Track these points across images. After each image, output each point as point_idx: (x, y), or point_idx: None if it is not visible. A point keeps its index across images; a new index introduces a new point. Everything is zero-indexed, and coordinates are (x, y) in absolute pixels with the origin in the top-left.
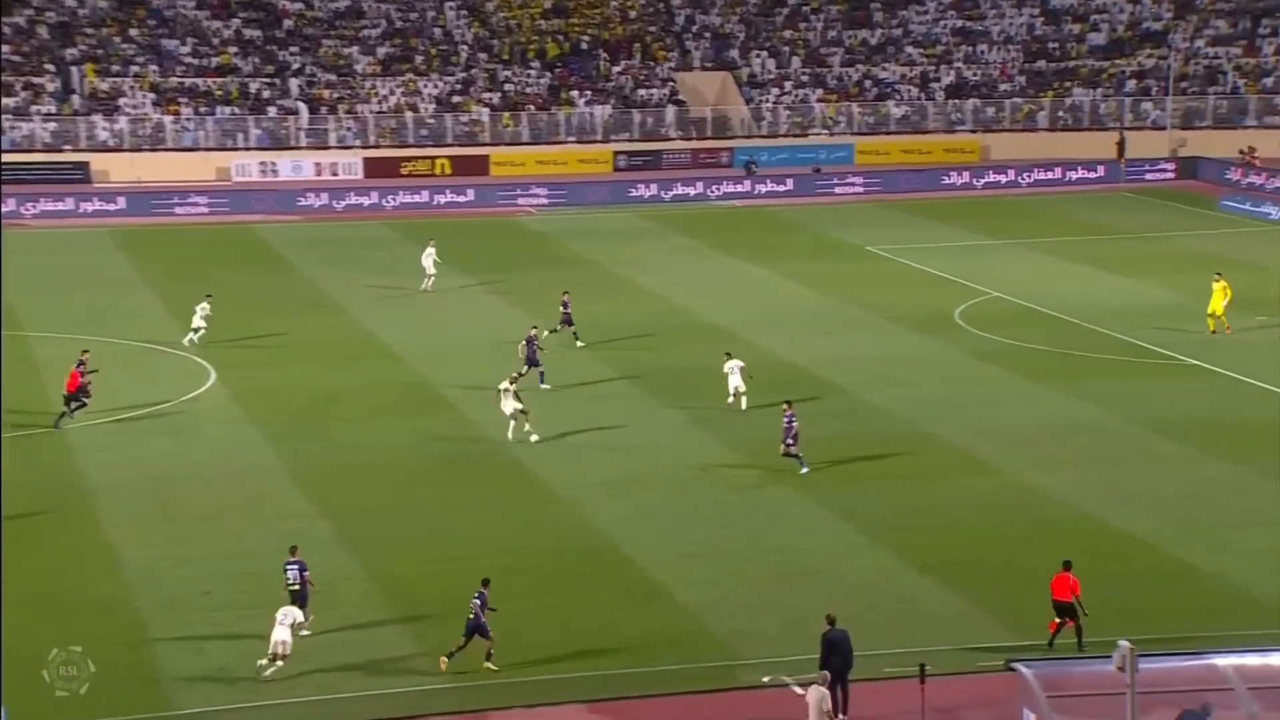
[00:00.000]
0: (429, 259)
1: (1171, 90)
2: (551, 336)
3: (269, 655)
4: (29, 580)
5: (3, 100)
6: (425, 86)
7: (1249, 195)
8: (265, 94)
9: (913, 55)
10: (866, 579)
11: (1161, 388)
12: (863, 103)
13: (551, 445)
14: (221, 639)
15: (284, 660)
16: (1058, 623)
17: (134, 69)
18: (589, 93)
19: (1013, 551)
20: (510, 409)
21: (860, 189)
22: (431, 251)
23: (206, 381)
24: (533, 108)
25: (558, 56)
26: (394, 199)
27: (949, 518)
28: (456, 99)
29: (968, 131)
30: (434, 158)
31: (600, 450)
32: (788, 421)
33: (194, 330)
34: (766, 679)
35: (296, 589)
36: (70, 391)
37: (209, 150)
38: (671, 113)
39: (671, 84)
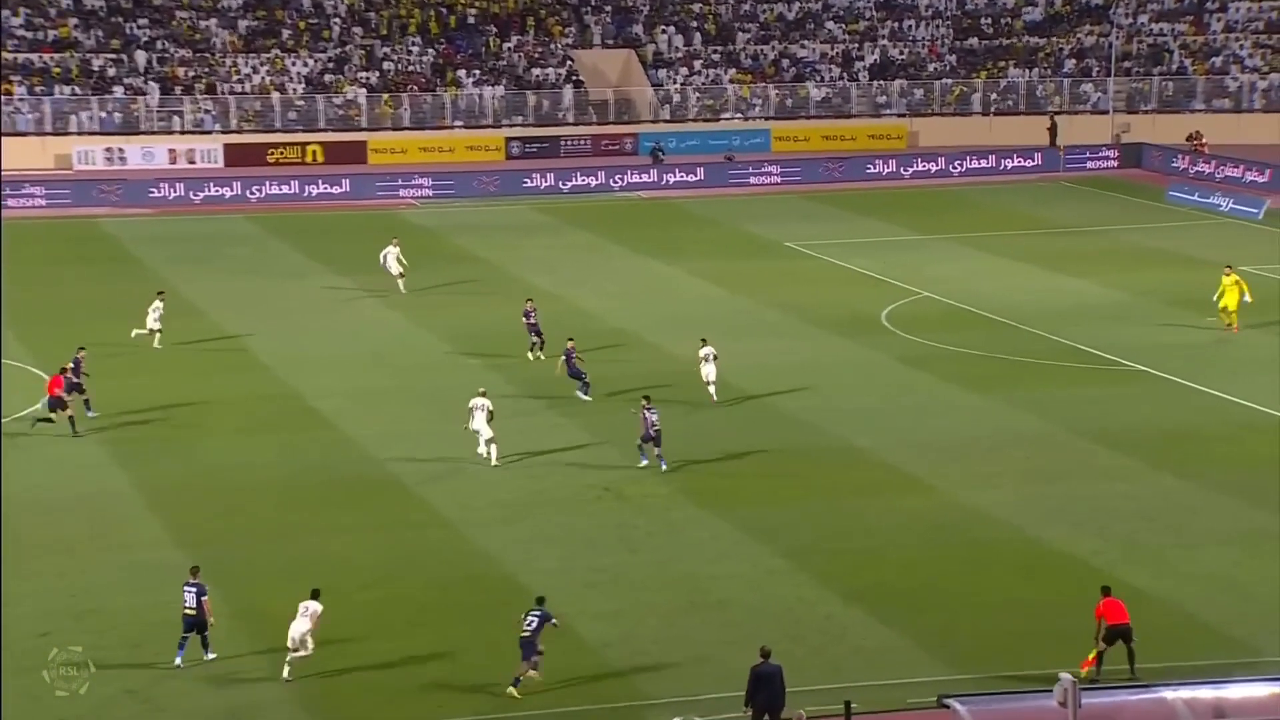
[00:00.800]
0: (391, 258)
1: (1114, 70)
2: (532, 352)
3: (289, 650)
4: None
5: None
6: (293, 64)
7: (1197, 185)
8: (111, 72)
9: (834, 32)
10: (787, 608)
11: (1106, 395)
12: (779, 84)
13: (437, 464)
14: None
15: (304, 654)
16: (1101, 651)
17: None
18: (477, 72)
19: (946, 576)
20: (480, 427)
21: (777, 179)
22: (395, 251)
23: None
24: (415, 89)
25: (442, 32)
26: (259, 190)
27: (877, 540)
28: (329, 79)
29: (894, 116)
30: (304, 144)
31: (492, 469)
32: (647, 414)
33: (151, 332)
34: None
35: (193, 614)
36: (52, 395)
37: (46, 135)
38: (569, 95)
39: (569, 63)
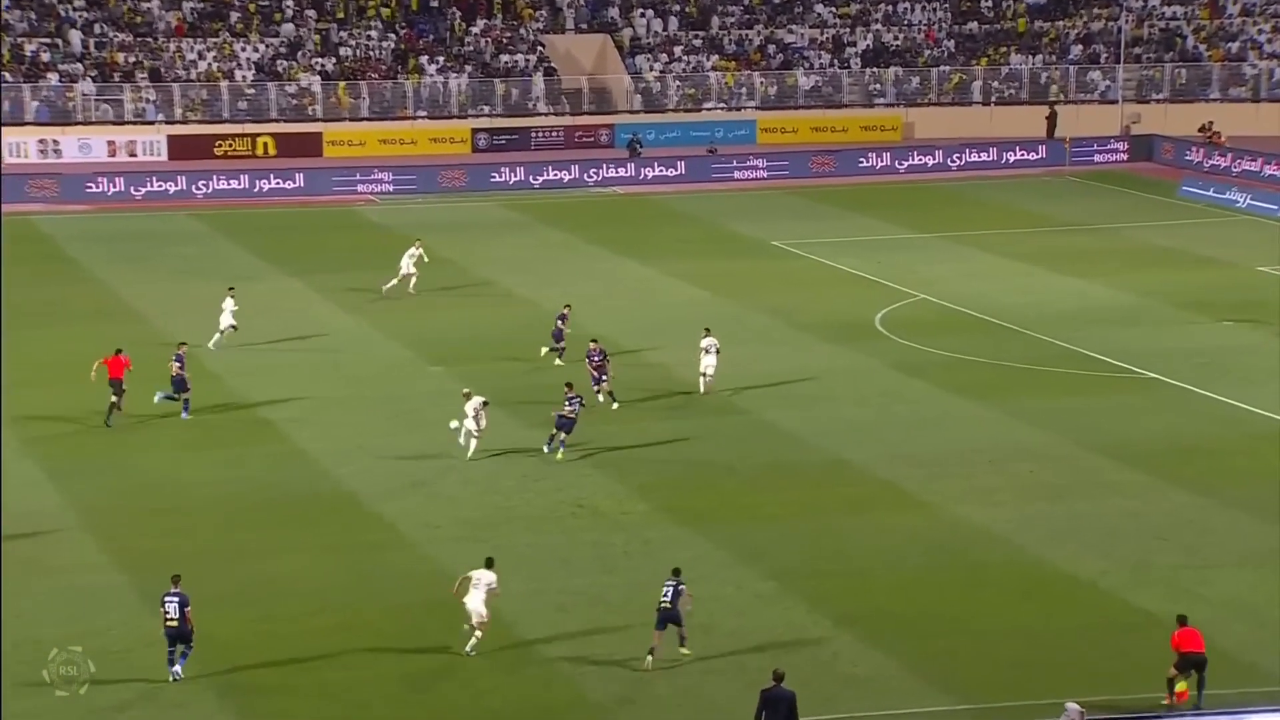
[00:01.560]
0: (409, 260)
1: (1123, 57)
2: (550, 355)
3: (467, 627)
4: None
5: None
6: (243, 50)
7: (1212, 179)
8: (44, 57)
9: (824, 16)
10: (774, 634)
11: (1114, 405)
12: (765, 71)
13: (399, 478)
14: None
15: (482, 630)
16: (1172, 678)
17: None
18: (441, 59)
19: (944, 600)
20: (469, 423)
21: (763, 173)
22: (417, 253)
23: None
24: (374, 76)
25: (404, 15)
26: (206, 185)
27: (869, 561)
28: (281, 65)
29: (888, 106)
30: (254, 136)
31: (457, 484)
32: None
33: (219, 331)
34: None
35: (175, 625)
36: (115, 378)
37: None
38: (540, 83)
39: (540, 49)
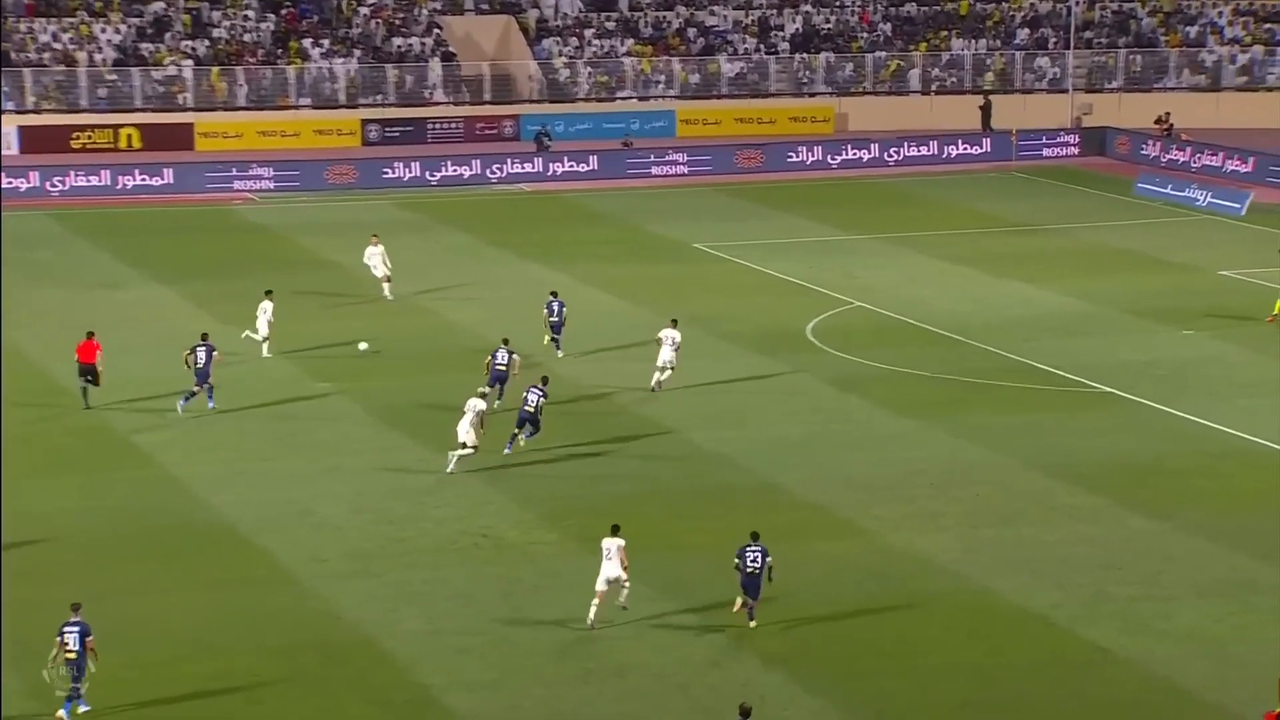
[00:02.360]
0: (376, 258)
1: (1073, 42)
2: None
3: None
4: None
5: None
6: (103, 31)
7: (1170, 176)
8: None
9: None
10: (698, 674)
11: (1067, 422)
12: (685, 57)
13: (281, 507)
14: None
15: (627, 587)
16: None
17: None
18: (327, 42)
19: (882, 636)
20: (466, 436)
21: (684, 169)
22: (378, 250)
23: None
24: (252, 61)
25: None
26: (62, 182)
27: (801, 593)
28: (146, 49)
29: (819, 95)
30: (117, 127)
31: (348, 513)
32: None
33: (263, 339)
34: None
35: (74, 657)
36: (86, 363)
37: None
38: (438, 69)
39: (437, 31)
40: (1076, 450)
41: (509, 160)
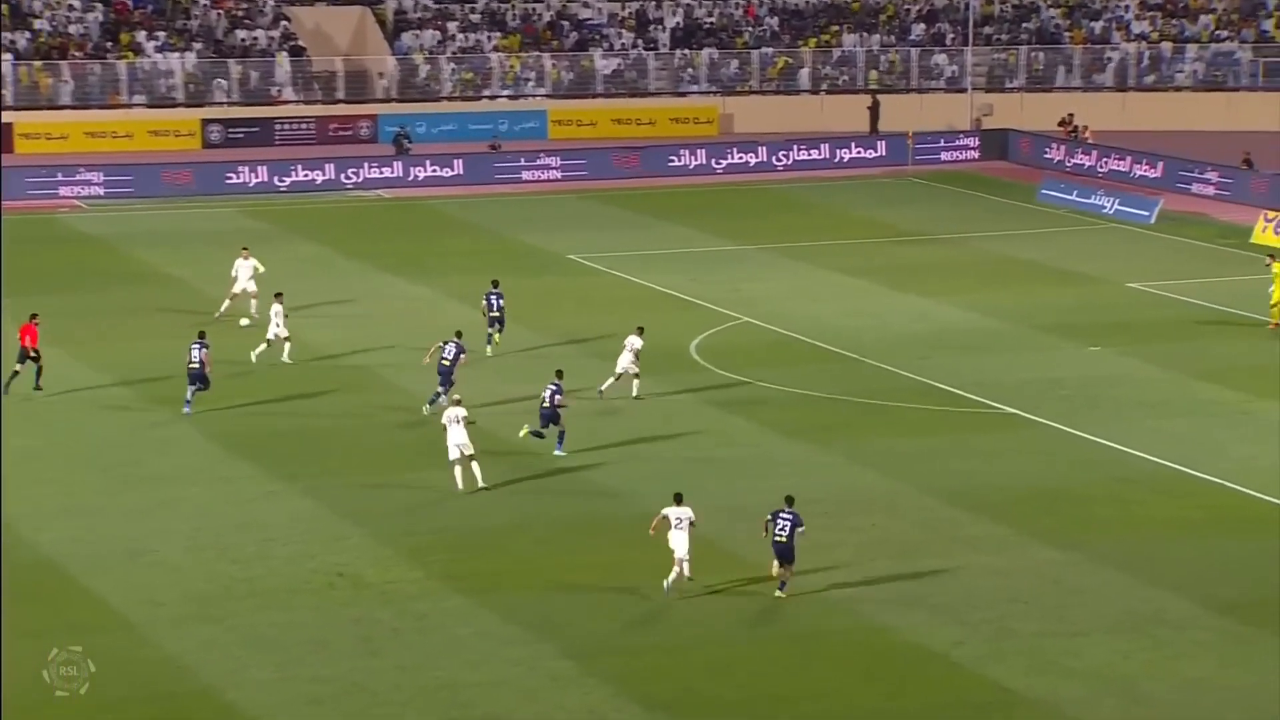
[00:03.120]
0: (245, 272)
1: (971, 38)
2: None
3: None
4: None
5: None
6: None
7: (1075, 181)
8: None
9: None
10: None
11: (968, 446)
12: (558, 53)
13: (113, 545)
14: None
15: (688, 569)
16: None
17: None
18: (162, 35)
19: (770, 679)
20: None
21: (556, 173)
22: (250, 263)
23: None
24: (79, 55)
25: None
26: None
27: (685, 634)
28: None
29: (702, 94)
30: None
31: (187, 550)
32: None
33: (284, 341)
34: None
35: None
36: (30, 347)
37: None
38: (286, 65)
39: (284, 24)
40: (978, 476)
41: (366, 164)
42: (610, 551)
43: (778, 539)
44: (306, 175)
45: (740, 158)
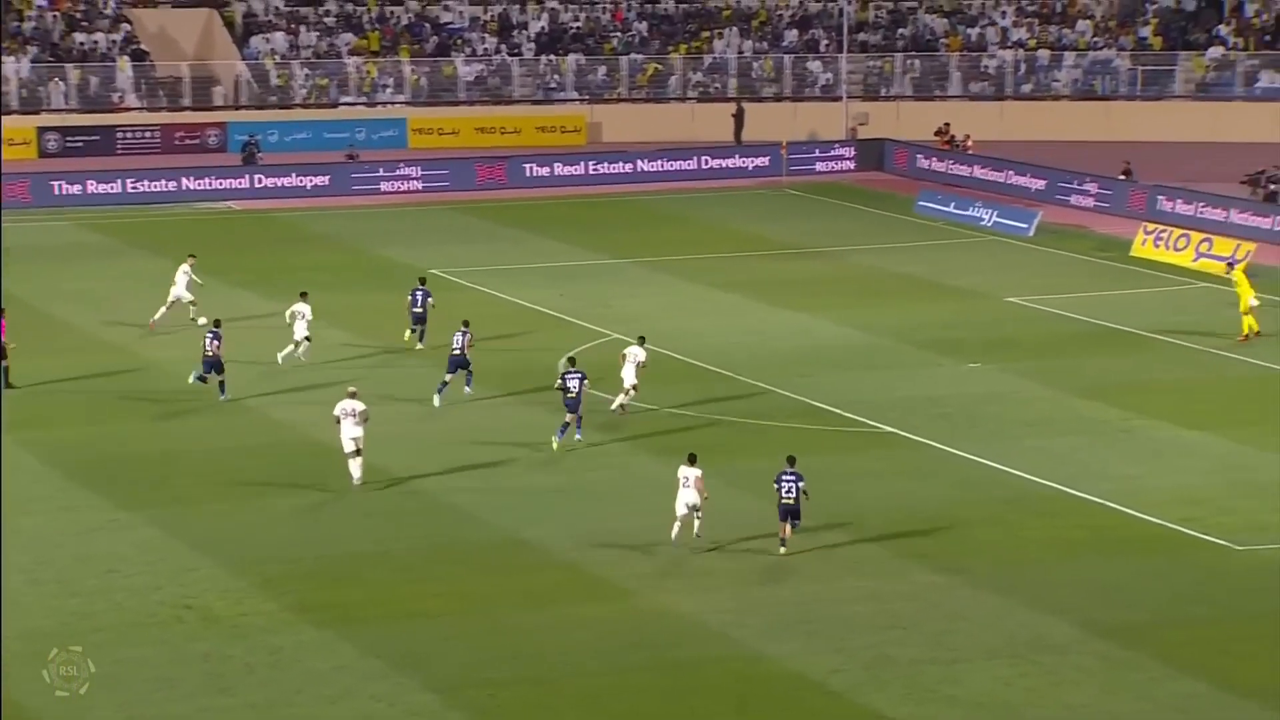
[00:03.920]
0: (183, 280)
1: (846, 44)
2: (412, 339)
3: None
4: None
5: None
6: None
7: (953, 193)
8: None
9: None
10: None
11: (846, 466)
12: (417, 59)
13: None
14: None
15: (699, 522)
16: None
17: None
18: None
19: (642, 712)
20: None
21: (417, 184)
22: (187, 269)
23: None
24: None
25: None
26: None
27: (553, 665)
28: None
29: (569, 102)
30: None
31: (24, 584)
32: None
33: (302, 341)
34: None
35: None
36: None
37: None
38: (128, 70)
39: (126, 26)
40: (856, 497)
41: (214, 175)
42: (473, 580)
43: (785, 500)
44: (150, 186)
45: (609, 168)
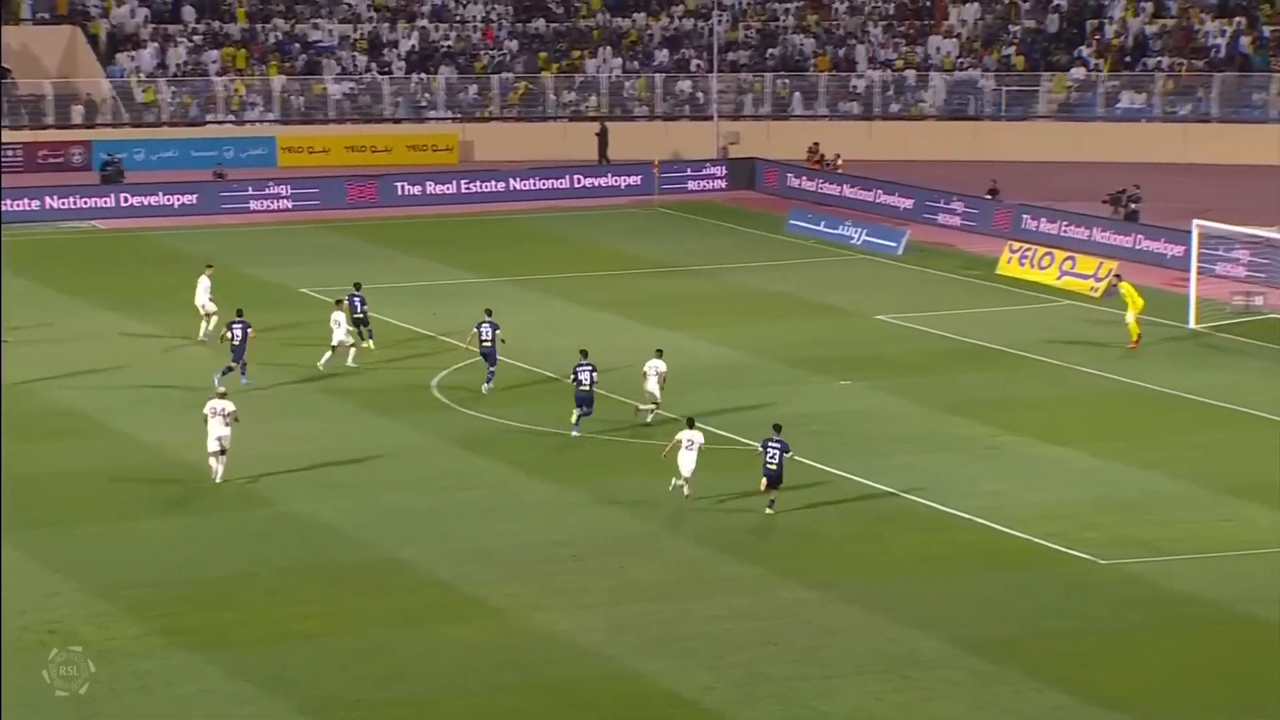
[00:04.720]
0: (204, 289)
1: (716, 64)
2: (353, 339)
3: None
4: None
5: None
6: None
7: (823, 212)
8: None
9: (356, 7)
10: None
11: (719, 484)
12: (286, 76)
13: None
14: None
15: (689, 488)
16: None
17: None
18: None
19: None
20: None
21: (287, 203)
22: (205, 280)
23: None
24: None
25: None
26: None
27: (426, 685)
28: None
29: (441, 120)
30: None
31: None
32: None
33: (350, 347)
34: None
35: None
36: None
37: None
38: None
39: None
40: (729, 515)
41: (76, 194)
42: (344, 600)
43: (769, 465)
44: (12, 205)
45: (481, 187)
